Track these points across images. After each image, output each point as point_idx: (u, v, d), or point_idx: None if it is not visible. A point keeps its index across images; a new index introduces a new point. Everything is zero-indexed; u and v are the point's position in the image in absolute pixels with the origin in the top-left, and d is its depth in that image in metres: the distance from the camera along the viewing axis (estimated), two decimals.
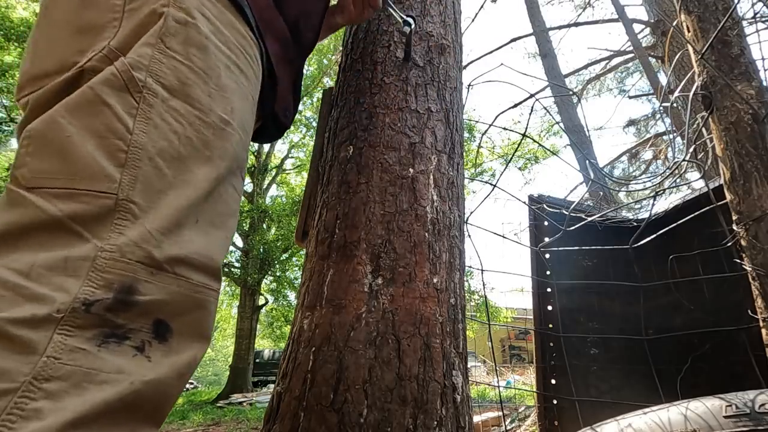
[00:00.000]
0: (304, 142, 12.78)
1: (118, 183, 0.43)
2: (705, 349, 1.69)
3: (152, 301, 0.44)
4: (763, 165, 1.16)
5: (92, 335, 0.40)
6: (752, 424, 0.64)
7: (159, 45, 0.49)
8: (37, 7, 7.44)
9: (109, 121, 0.45)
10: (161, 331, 0.45)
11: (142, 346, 0.43)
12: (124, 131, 0.45)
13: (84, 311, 0.39)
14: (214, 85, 0.54)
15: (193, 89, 0.51)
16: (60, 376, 0.37)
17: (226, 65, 0.56)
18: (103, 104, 0.45)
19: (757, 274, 1.13)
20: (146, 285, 0.43)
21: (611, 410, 0.98)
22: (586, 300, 2.03)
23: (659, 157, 8.52)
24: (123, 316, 0.42)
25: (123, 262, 0.42)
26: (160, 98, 0.48)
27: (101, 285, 0.41)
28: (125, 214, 0.43)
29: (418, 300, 0.78)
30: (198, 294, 0.49)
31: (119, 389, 0.40)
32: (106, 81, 0.46)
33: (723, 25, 1.29)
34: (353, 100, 1.00)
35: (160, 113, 0.48)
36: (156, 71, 0.49)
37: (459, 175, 1.00)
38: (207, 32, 0.54)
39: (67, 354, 0.38)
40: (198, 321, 0.49)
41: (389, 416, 0.68)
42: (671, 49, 4.34)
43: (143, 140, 0.46)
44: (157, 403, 0.44)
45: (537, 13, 7.47)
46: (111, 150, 0.44)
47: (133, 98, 0.46)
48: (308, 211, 1.04)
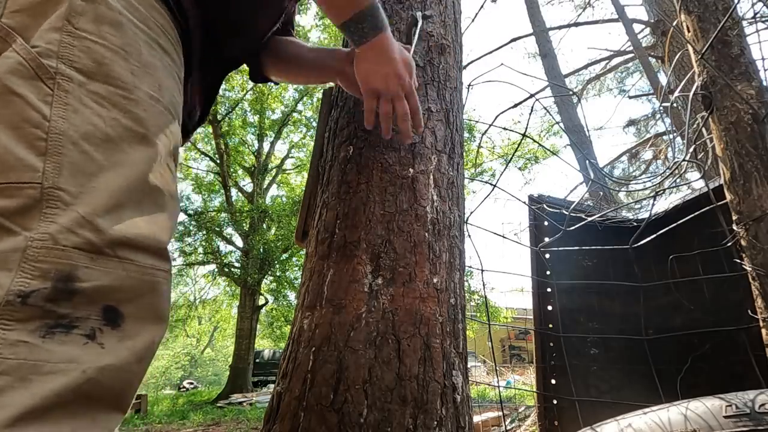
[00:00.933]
0: (304, 142, 12.79)
1: (42, 172, 0.41)
2: (705, 349, 1.69)
3: (96, 287, 0.42)
4: (763, 165, 1.16)
5: (35, 327, 0.39)
6: (752, 424, 0.64)
7: (66, 27, 0.46)
8: None
9: (22, 111, 0.43)
10: (112, 317, 0.43)
11: (92, 333, 0.41)
12: (41, 119, 0.43)
13: (20, 303, 0.38)
14: (136, 61, 0.50)
15: (113, 68, 0.48)
16: (2, 371, 0.36)
17: (146, 42, 0.53)
18: (13, 94, 0.43)
19: (757, 274, 1.13)
20: (87, 271, 0.42)
21: (611, 410, 0.98)
22: (586, 300, 2.03)
23: (659, 157, 8.52)
24: (66, 305, 0.40)
25: (57, 250, 0.40)
26: (76, 83, 0.45)
27: (36, 275, 0.39)
28: (54, 201, 0.41)
29: (418, 300, 0.78)
30: (147, 276, 0.47)
31: (70, 378, 0.39)
32: (13, 71, 0.43)
33: (723, 25, 1.29)
34: (353, 100, 0.99)
35: (78, 98, 0.45)
36: (68, 56, 0.46)
37: (459, 175, 1.00)
38: (119, 8, 0.51)
39: (8, 348, 0.37)
40: (151, 303, 0.48)
41: (389, 416, 0.68)
42: (671, 49, 4.34)
43: (63, 126, 0.43)
44: (117, 390, 0.43)
45: (537, 13, 7.47)
46: (29, 139, 0.42)
47: (45, 85, 0.44)
48: (308, 211, 1.04)
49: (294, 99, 11.74)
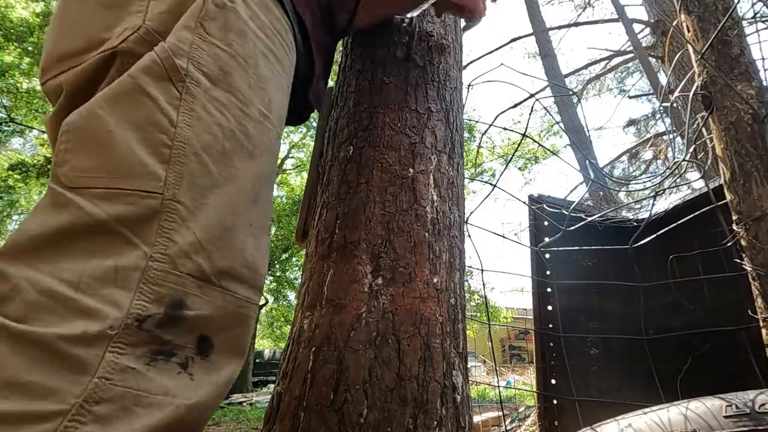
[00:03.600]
0: (304, 143, 12.78)
1: (164, 181, 0.40)
2: (705, 349, 1.69)
3: (199, 316, 0.41)
4: (763, 165, 1.16)
5: (142, 353, 0.37)
6: (752, 424, 0.64)
7: (198, 30, 0.45)
8: (37, 7, 7.44)
9: (151, 114, 0.41)
10: (204, 347, 0.42)
11: (186, 362, 0.40)
12: (168, 124, 0.41)
13: (137, 328, 0.37)
14: (253, 74, 0.49)
15: (235, 78, 0.47)
16: (110, 399, 0.34)
17: (263, 53, 0.52)
18: (144, 95, 0.41)
19: (757, 274, 1.13)
20: (194, 299, 0.41)
21: (611, 410, 0.98)
22: (586, 300, 2.03)
23: (659, 157, 8.52)
24: (171, 332, 0.39)
25: (174, 275, 0.39)
26: (203, 88, 0.44)
27: (153, 299, 0.38)
28: (172, 215, 0.40)
29: (418, 300, 0.78)
30: (241, 309, 0.46)
31: (165, 414, 0.37)
32: (146, 69, 0.42)
33: (723, 25, 1.29)
34: (353, 100, 1.00)
35: (203, 104, 0.44)
36: (197, 58, 0.44)
37: (459, 175, 1.00)
38: (245, 17, 0.50)
39: (118, 374, 0.35)
40: (238, 336, 0.46)
41: (389, 416, 0.68)
42: (671, 49, 4.34)
43: (188, 134, 0.42)
44: (195, 427, 0.41)
45: (537, 13, 7.47)
46: (155, 145, 0.40)
47: (175, 88, 0.43)
48: (308, 211, 1.04)
49: None
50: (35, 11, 7.33)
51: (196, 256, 0.41)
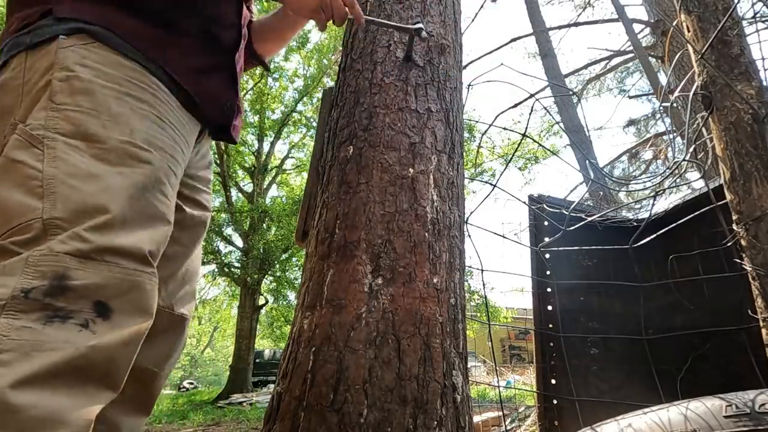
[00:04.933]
0: (304, 143, 12.78)
1: (41, 209, 0.55)
2: (705, 349, 1.69)
3: (86, 285, 0.53)
4: (763, 165, 1.16)
5: (36, 317, 0.50)
6: (752, 424, 0.64)
7: (50, 105, 0.61)
8: None
9: (23, 171, 0.57)
10: (102, 311, 0.54)
11: (86, 323, 0.52)
12: (36, 172, 0.57)
13: (24, 297, 0.50)
14: (107, 116, 0.64)
15: (87, 127, 0.62)
16: (9, 349, 0.47)
17: (116, 97, 0.66)
18: (15, 162, 0.57)
19: (757, 274, 1.13)
20: (77, 272, 0.53)
21: (611, 410, 0.98)
22: (586, 300, 2.03)
23: (659, 157, 8.52)
24: (62, 299, 0.52)
25: (52, 256, 0.53)
26: (60, 142, 0.59)
27: (36, 276, 0.51)
28: (54, 229, 0.54)
29: (418, 300, 0.78)
30: (131, 276, 0.58)
31: (65, 353, 0.50)
32: (13, 146, 0.59)
33: (723, 25, 1.29)
34: (353, 100, 0.99)
35: (63, 150, 0.59)
36: (52, 126, 0.60)
37: (459, 175, 0.99)
38: (89, 77, 0.64)
39: (15, 332, 0.48)
40: (137, 299, 0.59)
41: (389, 416, 0.68)
42: (671, 49, 4.34)
43: (53, 171, 0.57)
44: (106, 368, 0.54)
45: (537, 13, 7.47)
46: (30, 189, 0.56)
47: (37, 149, 0.58)
48: (308, 211, 1.04)
49: (294, 99, 11.73)
50: None
51: (70, 241, 0.54)
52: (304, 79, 11.18)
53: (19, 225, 0.54)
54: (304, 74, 10.88)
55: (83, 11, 0.69)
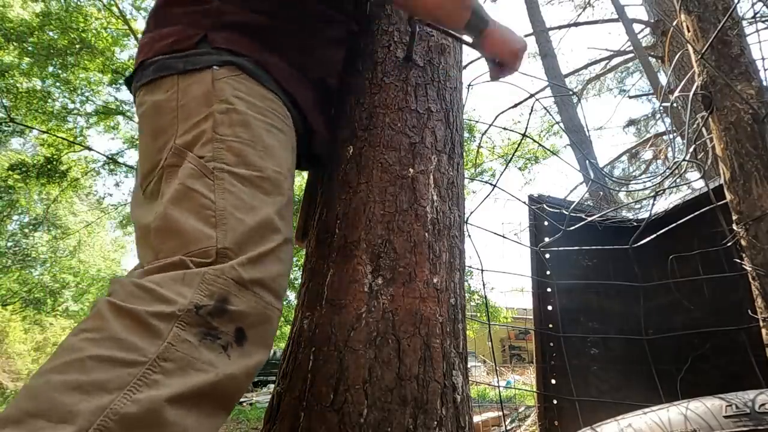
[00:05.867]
0: None
1: (215, 238, 0.60)
2: (705, 349, 1.69)
3: (238, 311, 0.57)
4: (763, 165, 1.16)
5: (197, 332, 0.53)
6: (752, 424, 0.64)
7: (215, 137, 0.66)
8: (36, 7, 7.44)
9: (198, 199, 0.62)
10: (240, 337, 0.58)
11: (226, 346, 0.56)
12: (210, 203, 0.62)
13: (195, 313, 0.54)
14: (261, 147, 0.69)
15: (248, 157, 0.67)
16: (173, 359, 0.50)
17: (266, 129, 0.72)
18: (191, 191, 0.63)
19: (757, 274, 1.13)
20: (235, 298, 0.58)
21: (611, 410, 0.98)
22: (586, 300, 2.03)
23: (659, 157, 8.52)
24: (218, 321, 0.55)
25: (222, 279, 0.57)
26: (227, 172, 0.65)
27: (206, 294, 0.55)
28: (223, 258, 0.59)
29: (418, 300, 0.78)
30: (267, 311, 0.62)
31: (208, 377, 0.52)
32: (189, 174, 0.64)
33: (723, 25, 1.29)
34: (353, 100, 0.99)
35: (230, 182, 0.64)
36: (219, 157, 0.65)
37: (459, 175, 0.99)
38: (244, 110, 0.70)
39: (179, 343, 0.51)
40: (265, 332, 0.62)
41: (389, 416, 0.68)
42: (671, 49, 4.34)
43: (223, 204, 0.62)
44: (229, 394, 0.56)
45: (537, 13, 7.47)
46: (205, 218, 0.61)
47: (209, 179, 0.64)
48: (308, 211, 1.04)
49: None
50: (35, 11, 7.32)
51: (238, 268, 0.59)
52: None
53: (198, 250, 0.60)
54: None
55: (236, 43, 0.74)
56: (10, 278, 12.64)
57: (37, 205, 12.36)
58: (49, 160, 7.70)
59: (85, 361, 0.47)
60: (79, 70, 7.64)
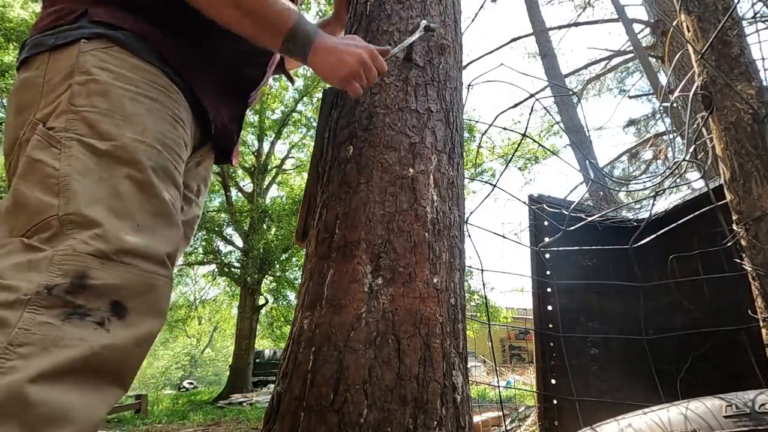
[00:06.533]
0: (304, 143, 12.78)
1: (57, 206, 0.58)
2: (705, 349, 1.69)
3: (105, 284, 0.56)
4: (763, 165, 1.16)
5: (57, 313, 0.52)
6: (752, 424, 0.64)
7: (70, 108, 0.65)
8: (36, 8, 7.44)
9: (42, 170, 0.61)
10: (118, 310, 0.57)
11: (102, 321, 0.55)
12: (53, 170, 0.60)
13: (47, 294, 0.52)
14: (120, 116, 0.67)
15: (101, 126, 0.65)
16: (30, 342, 0.50)
17: (131, 98, 0.69)
18: (36, 161, 0.61)
19: (757, 274, 1.13)
20: (97, 272, 0.56)
21: (611, 410, 0.98)
22: (586, 300, 2.03)
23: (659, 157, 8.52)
24: (81, 297, 0.54)
25: (74, 255, 0.55)
26: (76, 141, 0.63)
27: (59, 274, 0.54)
28: (69, 225, 0.57)
29: (418, 300, 0.78)
30: (148, 279, 0.61)
31: (80, 351, 0.52)
32: (34, 146, 0.63)
33: (723, 25, 1.29)
34: (353, 100, 0.99)
35: (79, 150, 0.62)
36: (71, 128, 0.64)
37: (459, 175, 0.99)
38: (105, 79, 0.67)
39: (36, 327, 0.51)
40: (152, 300, 0.61)
41: (389, 416, 0.68)
42: (671, 49, 4.34)
43: (68, 170, 0.60)
44: (117, 366, 0.56)
45: (537, 13, 7.47)
46: (48, 186, 0.59)
47: (55, 148, 0.62)
48: (308, 211, 1.04)
49: (294, 99, 11.72)
50: (35, 11, 7.32)
51: (92, 241, 0.57)
52: (305, 79, 11.17)
53: (41, 222, 0.58)
54: (304, 74, 10.87)
55: (117, 18, 0.72)
56: None
57: None
58: None
59: None
60: None
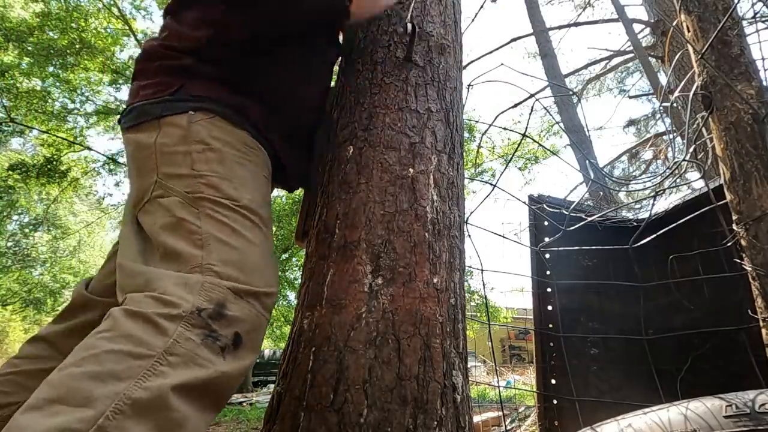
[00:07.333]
0: None
1: (201, 257, 0.69)
2: (705, 349, 1.69)
3: (234, 316, 0.65)
4: (763, 165, 1.16)
5: (199, 333, 0.61)
6: (752, 424, 0.64)
7: (193, 173, 0.76)
8: (36, 8, 7.44)
9: (187, 227, 0.72)
10: (237, 341, 0.65)
11: (225, 348, 0.63)
12: (196, 228, 0.72)
13: (197, 314, 0.62)
14: (236, 180, 0.78)
15: (223, 189, 0.76)
16: (178, 354, 0.58)
17: (239, 163, 0.81)
18: (181, 220, 0.73)
19: (757, 274, 1.13)
20: (231, 305, 0.66)
21: (611, 410, 0.98)
22: (586, 300, 2.03)
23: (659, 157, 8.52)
24: (217, 324, 0.63)
25: (219, 287, 0.66)
26: (208, 200, 0.74)
27: (207, 299, 0.64)
28: (209, 271, 0.68)
29: (418, 300, 0.78)
30: (260, 318, 0.71)
31: (207, 372, 0.59)
32: (176, 204, 0.74)
33: (723, 25, 1.29)
34: (353, 100, 0.99)
35: (211, 209, 0.74)
36: (199, 190, 0.75)
37: (459, 175, 0.99)
38: (218, 146, 0.79)
39: (184, 341, 0.59)
40: (257, 338, 0.70)
41: (389, 416, 0.68)
42: (671, 49, 4.34)
43: (207, 228, 0.72)
44: (222, 391, 0.63)
45: (537, 13, 7.47)
46: (192, 241, 0.71)
47: (194, 208, 0.74)
48: (308, 211, 1.04)
49: None
50: (35, 11, 7.32)
51: (231, 280, 0.68)
52: None
53: (189, 268, 0.68)
54: None
55: (211, 91, 0.84)
56: (10, 278, 12.64)
57: (37, 205, 12.36)
58: (49, 160, 7.70)
59: (100, 355, 0.54)
60: (79, 70, 7.64)
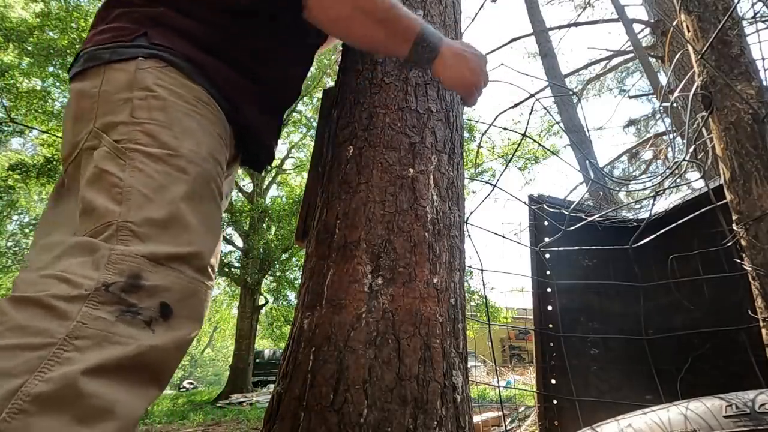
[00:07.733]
0: (304, 143, 12.78)
1: (118, 213, 0.62)
2: (705, 349, 1.69)
3: (156, 286, 0.59)
4: (763, 165, 1.16)
5: (112, 310, 0.55)
6: (752, 424, 0.64)
7: (131, 120, 0.70)
8: (36, 8, 7.45)
9: (109, 179, 0.65)
10: (165, 312, 0.60)
11: (150, 321, 0.58)
12: (119, 181, 0.65)
13: (104, 291, 0.56)
14: (178, 129, 0.72)
15: (161, 138, 0.70)
16: (86, 336, 0.52)
17: (185, 113, 0.74)
18: (104, 172, 0.66)
19: (757, 274, 1.13)
20: (149, 274, 0.59)
21: (611, 410, 0.98)
22: (586, 300, 2.03)
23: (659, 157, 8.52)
24: (134, 297, 0.57)
25: (130, 257, 0.59)
26: (139, 152, 0.67)
27: (115, 273, 0.57)
28: (125, 231, 0.61)
29: (418, 300, 0.78)
30: (193, 285, 0.65)
31: (129, 349, 0.54)
32: (103, 156, 0.68)
33: (723, 25, 1.29)
34: (353, 100, 0.99)
35: (141, 161, 0.67)
36: (133, 138, 0.68)
37: (459, 175, 0.99)
38: (164, 95, 0.73)
39: (92, 321, 0.53)
40: (194, 306, 0.65)
41: (389, 416, 0.68)
42: (671, 49, 4.35)
43: (131, 181, 0.65)
44: (157, 367, 0.58)
45: (537, 13, 7.47)
46: (112, 195, 0.64)
47: (121, 159, 0.67)
48: (308, 211, 1.04)
49: None
50: (35, 11, 7.32)
51: (145, 246, 0.61)
52: (305, 80, 11.18)
53: (102, 225, 0.62)
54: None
55: (174, 42, 0.78)
56: (10, 278, 12.65)
57: (37, 205, 12.37)
58: (49, 160, 7.70)
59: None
60: None
